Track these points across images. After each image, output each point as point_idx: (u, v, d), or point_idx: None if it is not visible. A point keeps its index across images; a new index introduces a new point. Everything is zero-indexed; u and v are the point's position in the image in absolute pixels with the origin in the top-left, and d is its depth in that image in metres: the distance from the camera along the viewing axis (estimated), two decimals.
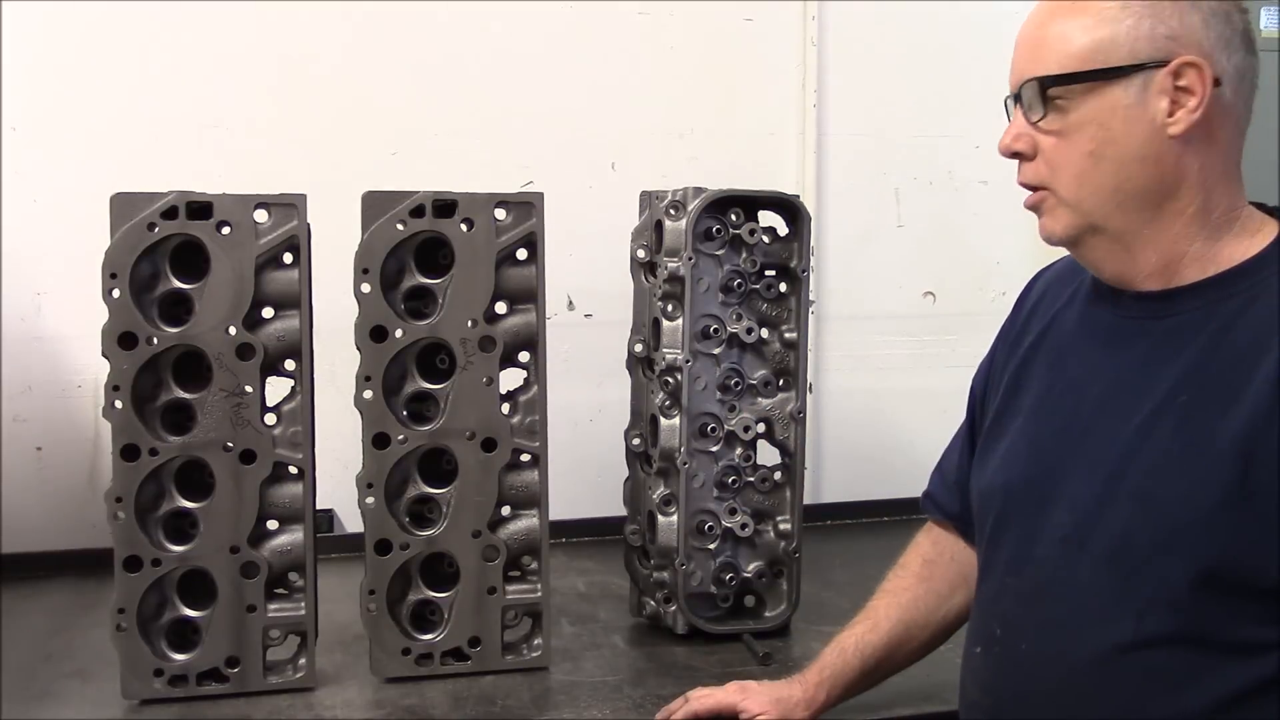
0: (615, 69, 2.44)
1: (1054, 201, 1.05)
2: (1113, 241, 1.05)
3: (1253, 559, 0.94)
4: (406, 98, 2.32)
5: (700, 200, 1.69)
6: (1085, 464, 1.06)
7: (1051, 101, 1.03)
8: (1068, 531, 1.06)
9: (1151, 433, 1.01)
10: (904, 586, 1.34)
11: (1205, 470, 0.96)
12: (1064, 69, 1.02)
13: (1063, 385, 1.13)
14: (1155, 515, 0.99)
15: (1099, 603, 1.03)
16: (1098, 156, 1.02)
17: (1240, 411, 0.95)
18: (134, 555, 1.50)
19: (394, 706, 1.52)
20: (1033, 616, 1.09)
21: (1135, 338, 1.07)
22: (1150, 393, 1.02)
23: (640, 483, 1.80)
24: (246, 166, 2.17)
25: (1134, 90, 1.00)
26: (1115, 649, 1.01)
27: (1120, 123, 1.01)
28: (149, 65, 2.21)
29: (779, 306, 1.78)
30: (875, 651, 1.30)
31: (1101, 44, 1.01)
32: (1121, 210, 1.03)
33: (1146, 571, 0.99)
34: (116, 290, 1.48)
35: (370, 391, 1.56)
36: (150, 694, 1.52)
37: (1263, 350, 0.97)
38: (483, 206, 1.58)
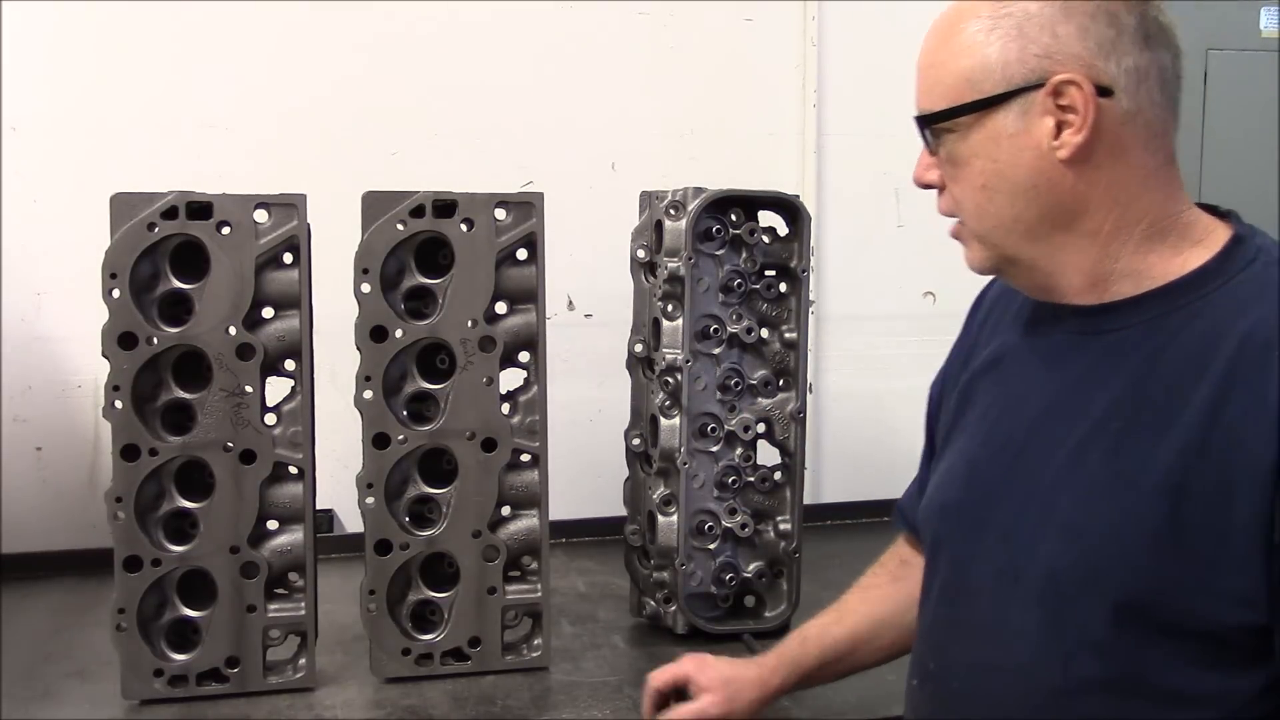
0: (615, 69, 2.44)
1: (967, 233, 1.01)
2: (1030, 269, 0.99)
3: (1181, 600, 0.88)
4: (406, 98, 2.32)
5: (700, 200, 1.69)
6: (1019, 490, 1.00)
7: (941, 136, 0.98)
8: (1002, 564, 0.99)
9: (1083, 460, 0.95)
10: (877, 584, 1.30)
11: (1133, 504, 0.90)
12: (944, 104, 0.96)
13: (1003, 403, 1.06)
14: (1079, 551, 0.93)
15: (1029, 646, 0.96)
16: (990, 190, 0.96)
17: (1173, 439, 0.89)
18: (134, 555, 1.50)
19: (394, 706, 1.52)
20: (965, 655, 1.03)
21: (1073, 354, 1.00)
22: (1084, 416, 0.96)
23: (640, 483, 1.80)
24: (246, 166, 2.17)
25: (1014, 117, 0.94)
26: (1048, 695, 0.95)
27: (1006, 153, 0.95)
28: (149, 65, 2.21)
29: (779, 306, 1.78)
30: (837, 644, 1.26)
31: (974, 74, 0.94)
32: (1028, 239, 0.97)
33: (1073, 611, 0.93)
34: (116, 290, 1.48)
35: (370, 391, 1.56)
36: (150, 694, 1.52)
37: (1198, 376, 0.89)
38: (483, 206, 1.58)
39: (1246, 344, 0.88)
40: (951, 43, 0.96)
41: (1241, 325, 0.89)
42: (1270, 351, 0.87)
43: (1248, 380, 0.87)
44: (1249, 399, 0.86)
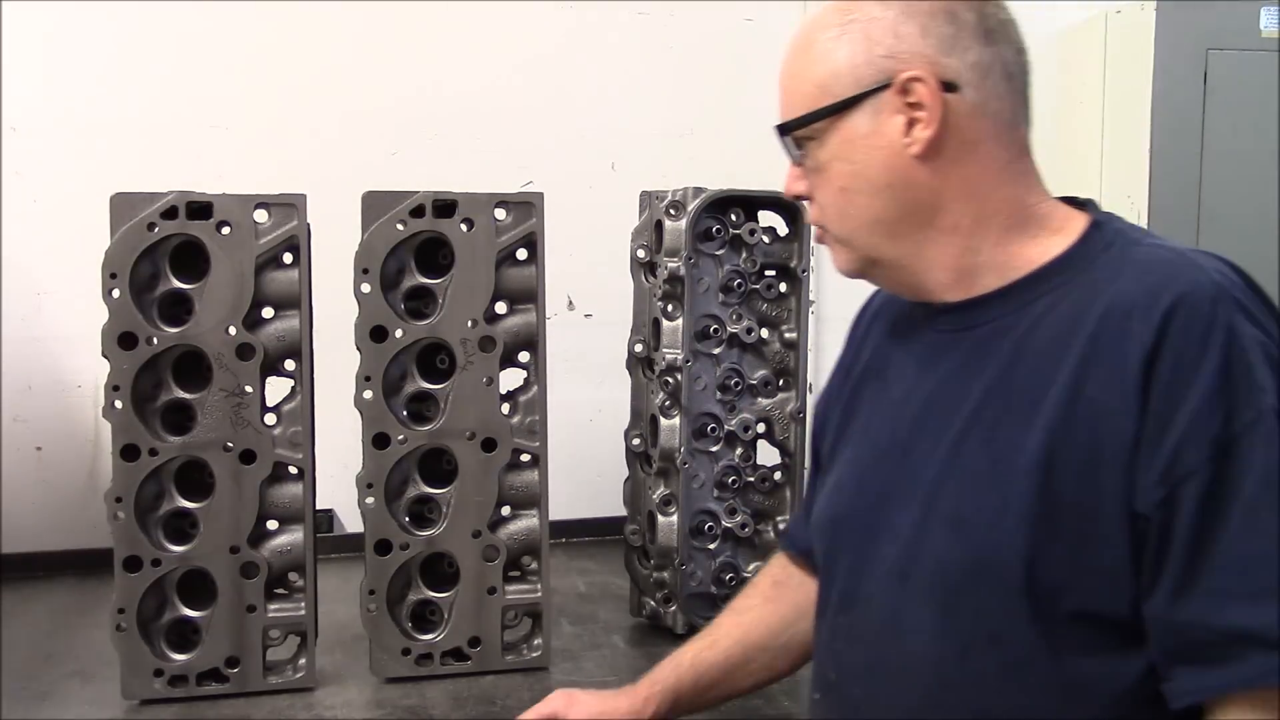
0: (615, 69, 2.44)
1: (831, 238, 1.03)
2: (895, 268, 1.01)
3: (1064, 581, 0.89)
4: (406, 98, 2.33)
5: (700, 200, 1.69)
6: (905, 491, 1.00)
7: (801, 144, 1.00)
8: (891, 564, 0.99)
9: (960, 451, 0.95)
10: (750, 606, 1.27)
11: (1009, 488, 0.90)
12: (800, 111, 0.99)
13: (885, 409, 1.07)
14: (965, 542, 0.93)
15: (923, 642, 0.96)
16: (849, 191, 0.99)
17: (1041, 421, 0.90)
18: (134, 555, 1.50)
19: (394, 706, 1.52)
20: (862, 659, 1.03)
21: (948, 352, 1.01)
22: (960, 410, 0.97)
23: (640, 483, 1.80)
24: (246, 166, 2.17)
25: (866, 118, 0.96)
26: (945, 690, 0.95)
27: (861, 154, 0.97)
28: (149, 65, 2.21)
29: (779, 306, 1.78)
30: (711, 669, 1.22)
31: (826, 79, 0.97)
32: (889, 239, 0.99)
33: (963, 604, 0.93)
34: (116, 290, 1.48)
35: (370, 391, 1.56)
36: (150, 694, 1.52)
37: (1066, 351, 0.91)
38: (483, 206, 1.58)
39: (1105, 319, 0.90)
40: (805, 55, 1.00)
41: (1101, 303, 0.91)
42: (1127, 322, 0.88)
43: (1107, 353, 0.89)
44: (1108, 372, 0.88)
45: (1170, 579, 0.86)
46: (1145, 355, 0.87)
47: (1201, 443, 0.84)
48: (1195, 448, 0.85)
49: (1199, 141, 2.33)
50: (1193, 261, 0.91)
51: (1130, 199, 2.37)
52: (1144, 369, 0.87)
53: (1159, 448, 0.85)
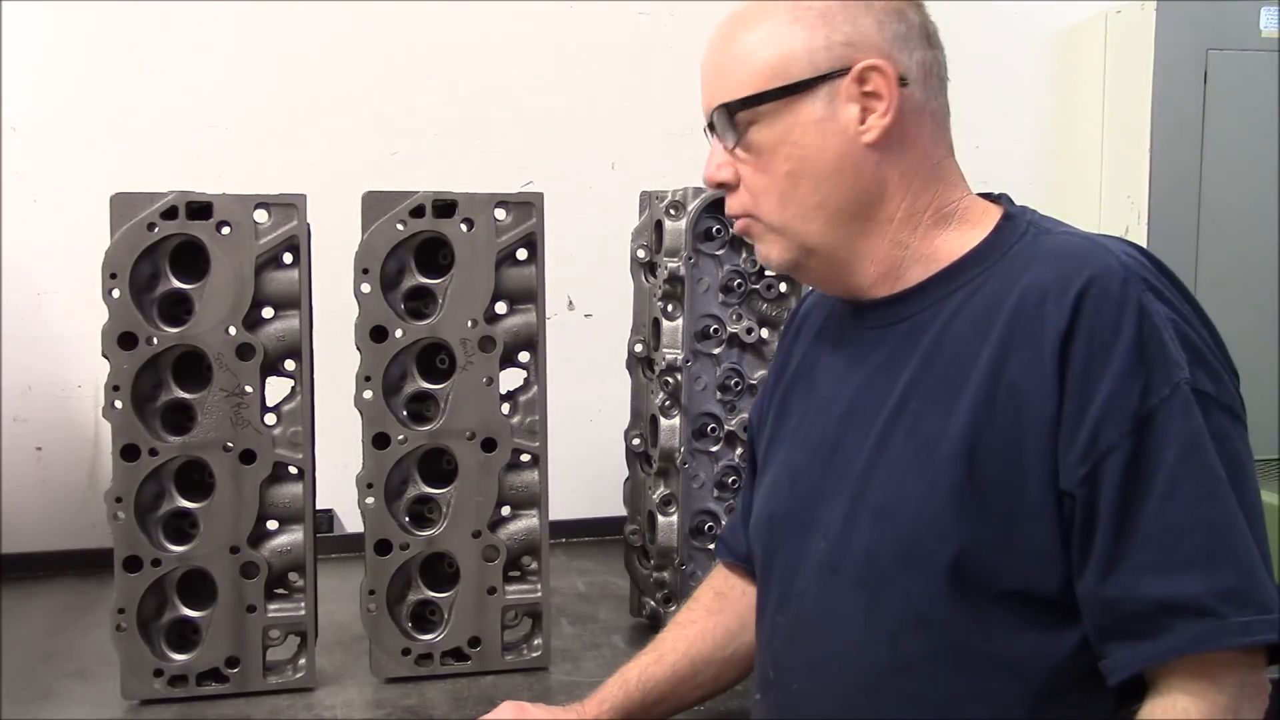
0: (615, 69, 2.44)
1: (762, 228, 1.02)
2: (828, 259, 1.01)
3: (991, 562, 0.91)
4: (406, 98, 2.33)
5: (700, 200, 1.69)
6: (835, 485, 1.02)
7: (743, 126, 1.00)
8: (822, 559, 1.01)
9: (886, 443, 0.97)
10: (693, 619, 1.28)
11: (934, 474, 0.92)
12: (748, 91, 0.99)
13: (815, 408, 1.09)
14: (892, 530, 0.95)
15: (855, 631, 0.98)
16: (795, 176, 0.98)
17: (963, 407, 0.92)
18: (134, 555, 1.50)
19: (394, 706, 1.52)
20: (799, 654, 1.04)
21: (874, 348, 1.03)
22: (885, 402, 0.99)
23: (640, 483, 1.80)
24: (246, 166, 2.17)
25: (820, 103, 0.97)
26: (878, 677, 0.96)
27: (813, 138, 0.97)
28: (149, 65, 2.21)
29: (779, 306, 1.78)
30: (658, 684, 1.23)
31: (780, 61, 0.97)
32: (830, 227, 1.00)
33: (892, 589, 0.95)
34: (116, 290, 1.48)
35: (370, 391, 1.56)
36: (150, 694, 1.52)
37: (983, 339, 0.93)
38: (483, 206, 1.58)
39: (1021, 304, 0.92)
40: (744, 39, 1.01)
41: (1016, 290, 0.93)
42: (1042, 306, 0.90)
43: (1024, 337, 0.91)
44: (1026, 354, 0.90)
45: (1097, 555, 0.88)
46: (1060, 337, 0.88)
47: (1120, 419, 0.86)
48: (1114, 424, 0.86)
49: (1199, 141, 2.33)
50: (1102, 245, 0.93)
51: (1130, 199, 2.37)
52: (1060, 350, 0.88)
53: (1079, 426, 0.87)
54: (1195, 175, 2.33)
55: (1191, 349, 0.89)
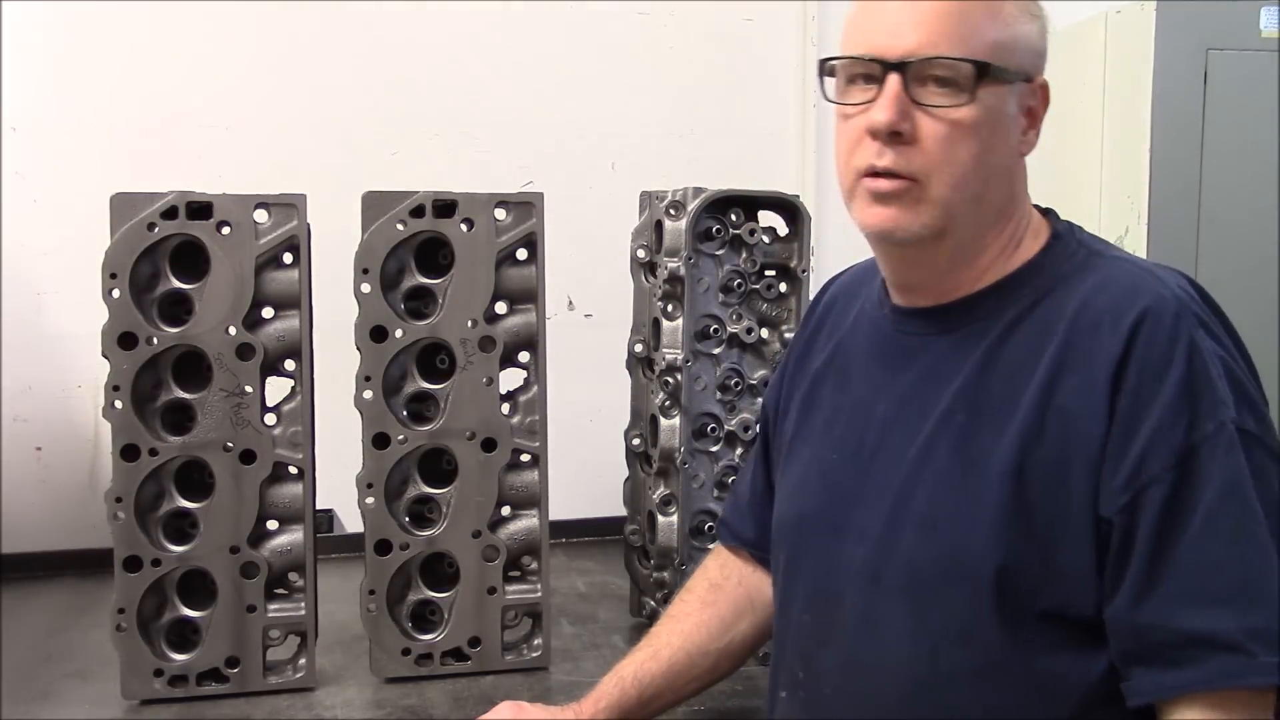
0: (615, 69, 2.44)
1: (918, 195, 0.95)
2: (954, 249, 0.99)
3: (1034, 583, 0.91)
4: (406, 98, 2.33)
5: (700, 200, 1.69)
6: (874, 490, 1.01)
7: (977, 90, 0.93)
8: (862, 565, 1.01)
9: (931, 454, 0.97)
10: (688, 612, 1.28)
11: (981, 492, 0.93)
12: (986, 58, 0.93)
13: (850, 407, 1.08)
14: (937, 542, 0.95)
15: (897, 641, 0.97)
16: (979, 160, 0.95)
17: (1013, 428, 0.92)
18: (134, 555, 1.50)
19: (394, 706, 1.52)
20: (834, 658, 1.03)
21: (916, 355, 1.03)
22: (931, 412, 0.98)
23: (640, 483, 1.80)
24: (246, 166, 2.17)
25: (1012, 100, 0.96)
26: (917, 688, 0.96)
27: (1002, 131, 0.96)
28: (149, 65, 2.21)
29: (779, 306, 1.78)
30: (655, 680, 1.23)
31: (1004, 45, 0.94)
32: (976, 220, 0.98)
33: (935, 602, 0.95)
34: (116, 290, 1.48)
35: (370, 391, 1.56)
36: (150, 694, 1.52)
37: (1037, 358, 0.94)
38: (483, 206, 1.58)
39: (1075, 328, 0.93)
40: (988, 8, 0.96)
41: (1069, 313, 0.94)
42: (1096, 333, 0.91)
43: (1077, 361, 0.92)
44: (1078, 379, 0.91)
45: (1131, 582, 0.89)
46: (1114, 364, 0.89)
47: (1165, 451, 0.87)
48: (1159, 455, 0.87)
49: (1199, 141, 2.33)
50: (1156, 276, 0.94)
51: (1130, 199, 2.36)
52: (1112, 379, 0.89)
53: (1124, 454, 0.88)
54: (1195, 175, 2.33)
55: (1237, 387, 0.90)
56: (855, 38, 0.97)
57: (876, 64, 0.94)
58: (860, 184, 0.97)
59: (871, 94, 0.95)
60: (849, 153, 0.97)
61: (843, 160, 0.99)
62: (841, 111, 0.98)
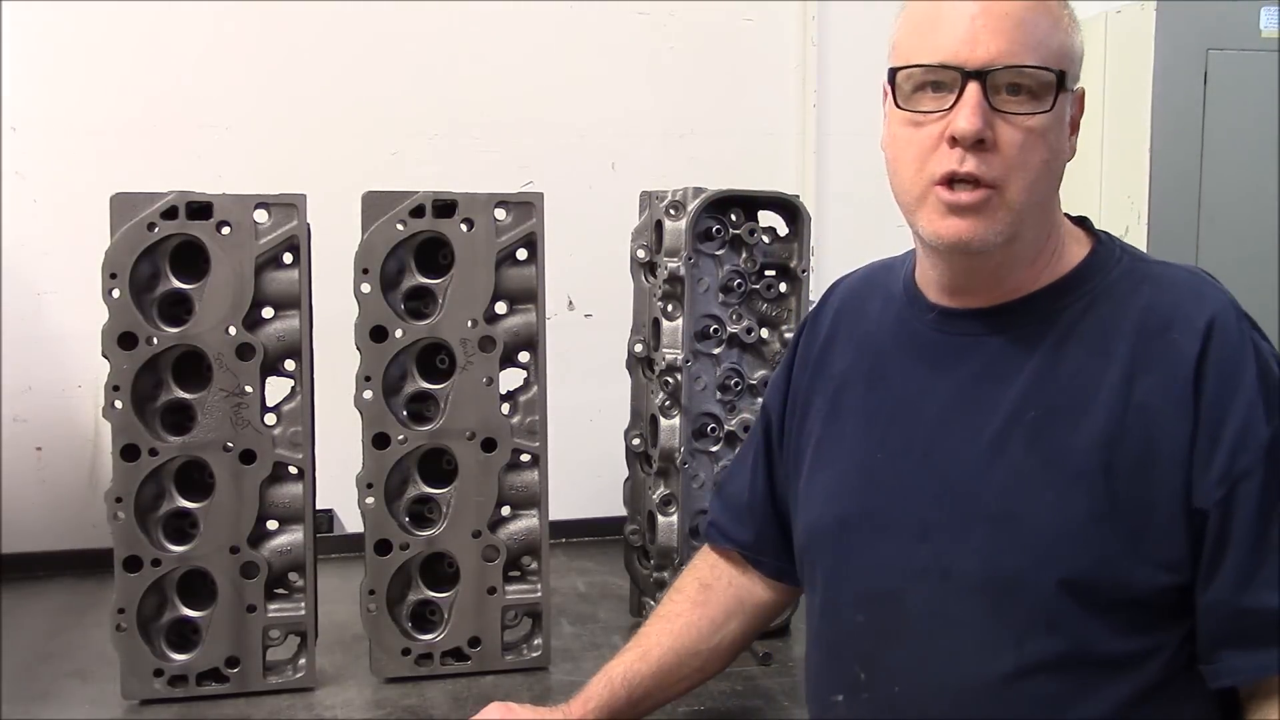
0: (615, 69, 2.44)
1: (997, 202, 0.97)
2: (1019, 254, 1.01)
3: (1120, 572, 0.95)
4: (406, 98, 2.33)
5: (700, 200, 1.69)
6: (931, 488, 1.02)
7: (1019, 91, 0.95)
8: (925, 563, 1.01)
9: (1002, 452, 0.99)
10: (678, 612, 1.27)
11: (1066, 485, 0.96)
12: (1049, 64, 0.96)
13: (891, 407, 1.08)
14: (1019, 535, 0.97)
15: (974, 634, 0.99)
16: (1048, 165, 0.98)
17: (1092, 423, 0.96)
18: (134, 555, 1.50)
19: (394, 706, 1.52)
20: (902, 656, 1.03)
21: (969, 354, 1.04)
22: (994, 410, 1.00)
23: (640, 483, 1.80)
24: (246, 166, 2.17)
25: (1067, 108, 0.99)
26: (1000, 680, 0.97)
27: (1063, 137, 1.00)
28: (149, 65, 2.21)
29: (779, 306, 1.78)
30: (644, 681, 1.23)
31: (1064, 53, 0.98)
32: (1037, 224, 1.01)
33: (1018, 595, 0.97)
34: (116, 290, 1.48)
35: (370, 391, 1.56)
36: (150, 694, 1.52)
37: (1106, 358, 0.97)
38: (483, 206, 1.58)
39: (1144, 330, 0.97)
40: (1044, 13, 0.97)
41: (1131, 315, 0.98)
42: (1168, 334, 0.96)
43: (1151, 361, 0.96)
44: (1156, 378, 0.95)
45: (1234, 569, 0.94)
46: (1194, 365, 0.95)
47: (1254, 445, 0.93)
48: (1248, 450, 0.93)
49: (1199, 141, 2.33)
50: (1207, 280, 1.02)
51: (1130, 199, 2.37)
52: (1194, 377, 0.94)
53: (1214, 450, 0.93)
54: (1195, 175, 2.33)
55: None
56: (925, 46, 0.98)
57: (955, 72, 0.95)
58: (933, 192, 0.97)
59: (944, 101, 0.96)
60: (920, 160, 0.98)
61: (913, 168, 0.99)
62: (910, 119, 0.99)
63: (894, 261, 1.19)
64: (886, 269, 1.19)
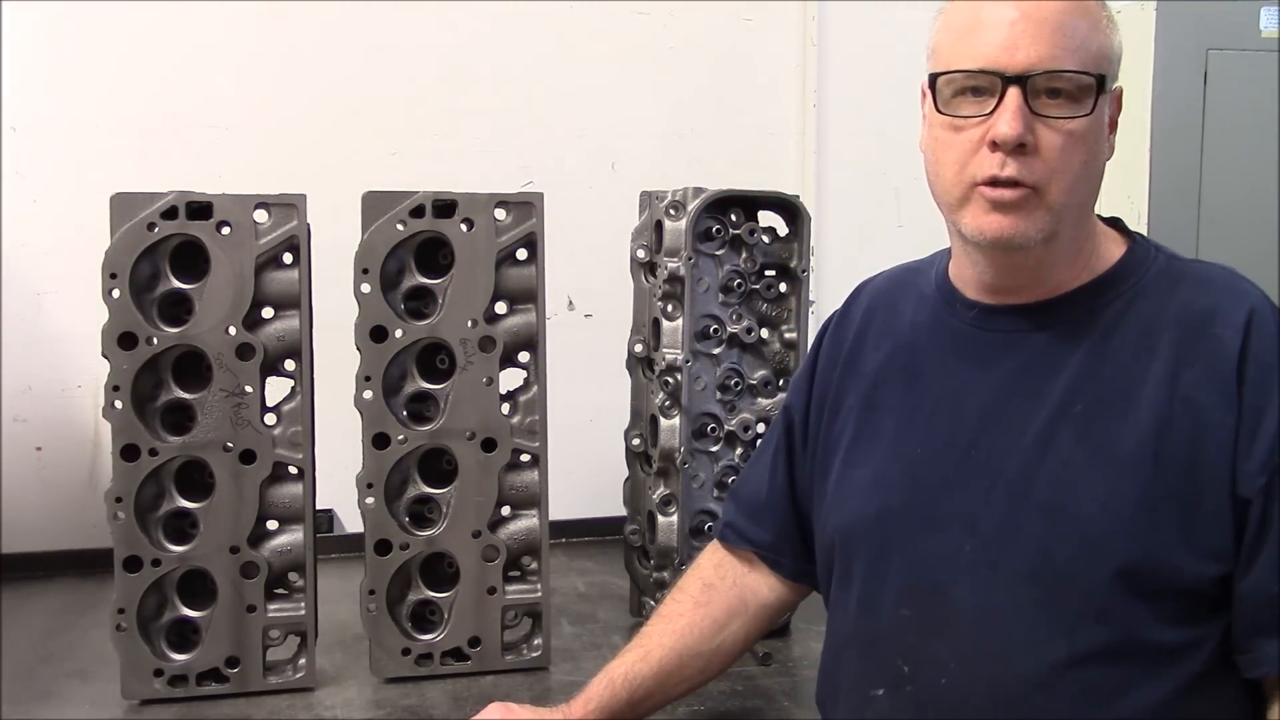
0: (615, 69, 2.44)
1: (1036, 202, 0.99)
2: (1054, 251, 1.03)
3: (1170, 561, 0.96)
4: (407, 98, 2.33)
5: (700, 200, 1.69)
6: (978, 481, 1.03)
7: (1059, 95, 0.98)
8: (973, 554, 1.02)
9: (1051, 444, 1.01)
10: (680, 612, 1.27)
11: (1116, 477, 0.97)
12: (1088, 68, 0.98)
13: (932, 403, 1.09)
14: (1070, 527, 0.98)
15: (1024, 625, 1.00)
16: (1088, 165, 1.01)
17: (1140, 415, 0.98)
18: (134, 555, 1.50)
19: (394, 706, 1.52)
20: (946, 648, 1.03)
21: (1011, 350, 1.06)
22: (1040, 404, 1.02)
23: (640, 483, 1.80)
24: (246, 166, 2.17)
25: (1105, 107, 1.01)
26: (1051, 670, 0.98)
27: (1101, 137, 1.02)
28: (149, 65, 2.21)
29: (779, 306, 1.78)
30: (645, 682, 1.23)
31: (1103, 54, 1.00)
32: (1077, 222, 1.03)
33: (1070, 585, 0.98)
34: (116, 290, 1.48)
35: (370, 391, 1.56)
36: (150, 694, 1.52)
37: (1150, 352, 0.99)
38: (483, 206, 1.58)
39: (1184, 324, 1.00)
40: (1083, 16, 1.00)
41: (1173, 310, 1.01)
42: (1210, 328, 0.99)
43: (1195, 354, 0.98)
44: (1200, 371, 0.98)
45: (1270, 556, 0.95)
46: (1236, 358, 0.97)
47: None
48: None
49: (1199, 141, 2.33)
50: (1241, 278, 1.04)
51: (1130, 199, 2.37)
52: (1237, 370, 0.97)
53: (1255, 439, 0.95)
54: (1195, 175, 2.33)
55: None
56: (965, 51, 1.00)
57: (995, 77, 0.97)
58: (976, 192, 1.00)
59: (984, 106, 0.98)
60: (961, 163, 1.00)
61: (953, 171, 1.01)
62: (951, 123, 1.01)
63: (920, 264, 1.21)
64: (914, 271, 1.21)
